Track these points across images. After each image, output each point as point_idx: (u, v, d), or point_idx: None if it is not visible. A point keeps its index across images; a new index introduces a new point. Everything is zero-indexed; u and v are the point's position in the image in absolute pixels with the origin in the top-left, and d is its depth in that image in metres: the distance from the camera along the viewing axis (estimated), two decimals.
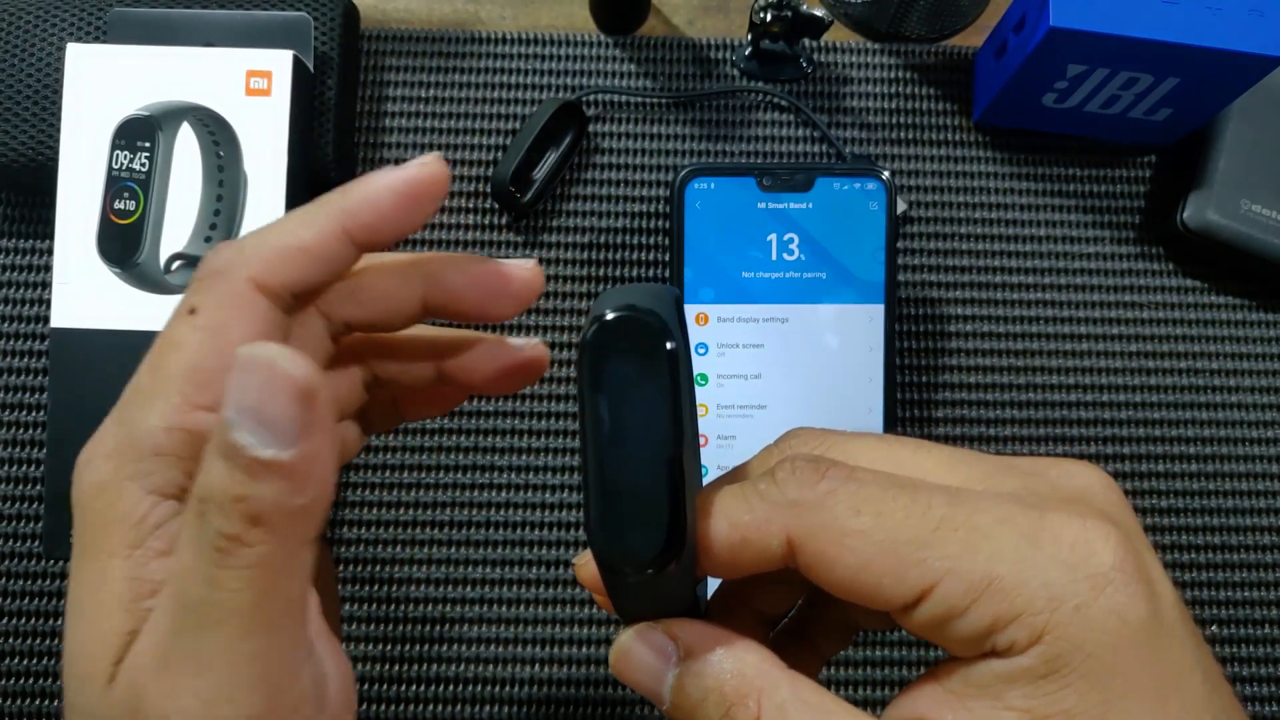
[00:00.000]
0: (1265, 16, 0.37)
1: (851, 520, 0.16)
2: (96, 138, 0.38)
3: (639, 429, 0.17)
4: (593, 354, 0.17)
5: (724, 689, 0.17)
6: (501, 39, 0.45)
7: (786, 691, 0.17)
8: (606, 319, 0.17)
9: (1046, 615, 0.15)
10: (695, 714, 0.18)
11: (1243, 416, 0.43)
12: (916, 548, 0.16)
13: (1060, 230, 0.44)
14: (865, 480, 0.17)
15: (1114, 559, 0.15)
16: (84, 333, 0.37)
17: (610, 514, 0.17)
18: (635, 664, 0.18)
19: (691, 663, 0.18)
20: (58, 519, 0.37)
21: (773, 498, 0.17)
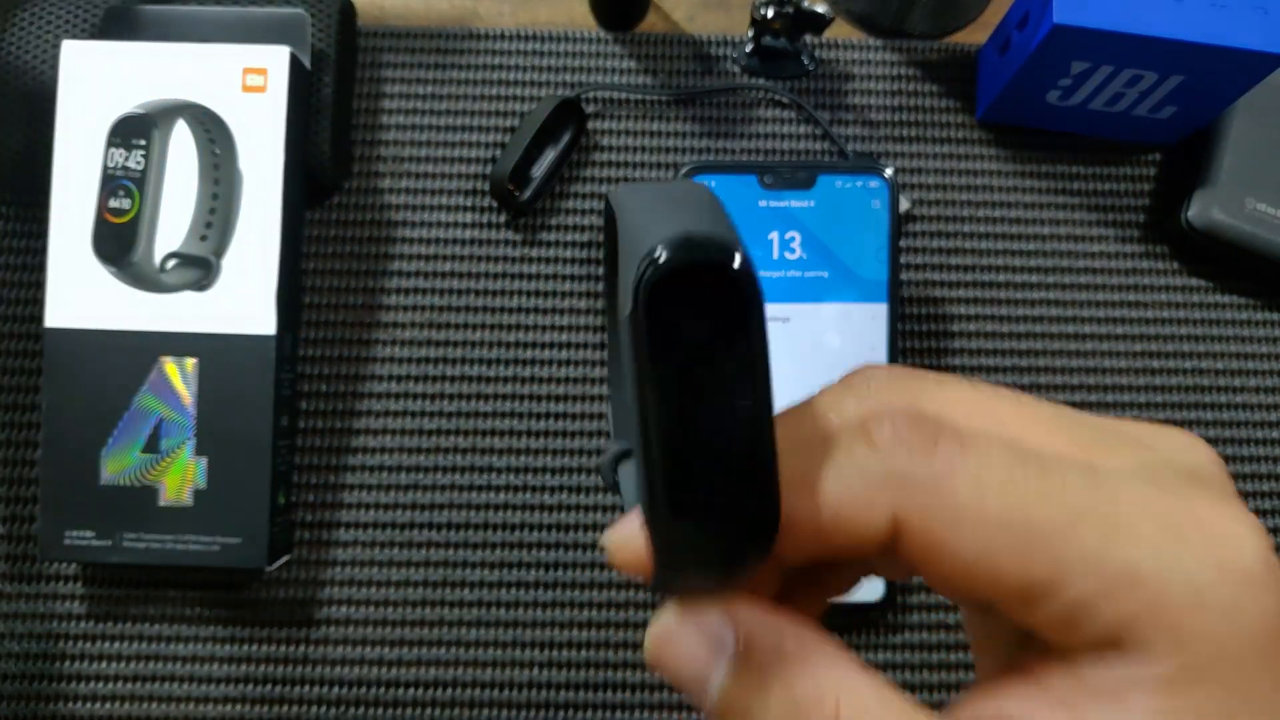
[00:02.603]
0: (1270, 14, 0.37)
1: (975, 501, 0.14)
2: (91, 135, 0.38)
3: (722, 406, 0.13)
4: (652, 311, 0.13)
5: (795, 694, 0.15)
6: (499, 35, 0.45)
7: (869, 695, 0.15)
8: (659, 261, 0.12)
9: (1191, 617, 0.13)
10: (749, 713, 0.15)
11: (1248, 416, 0.42)
12: (1049, 536, 0.14)
13: (1064, 229, 0.44)
14: (985, 451, 0.14)
15: (1262, 556, 0.14)
16: (79, 333, 0.37)
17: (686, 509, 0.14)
18: (681, 651, 0.15)
19: (754, 655, 0.15)
20: (52, 521, 0.37)
21: (874, 469, 0.14)
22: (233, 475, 0.37)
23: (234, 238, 0.37)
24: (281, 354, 0.38)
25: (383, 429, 0.41)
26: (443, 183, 0.43)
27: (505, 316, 0.42)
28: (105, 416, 0.37)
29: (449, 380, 0.41)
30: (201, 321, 0.37)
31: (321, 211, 0.43)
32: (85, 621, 0.39)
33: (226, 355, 0.37)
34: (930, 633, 0.40)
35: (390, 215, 0.43)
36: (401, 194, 0.43)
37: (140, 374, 0.37)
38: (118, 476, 0.37)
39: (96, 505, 0.37)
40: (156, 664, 0.39)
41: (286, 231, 0.38)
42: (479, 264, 0.42)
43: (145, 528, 0.37)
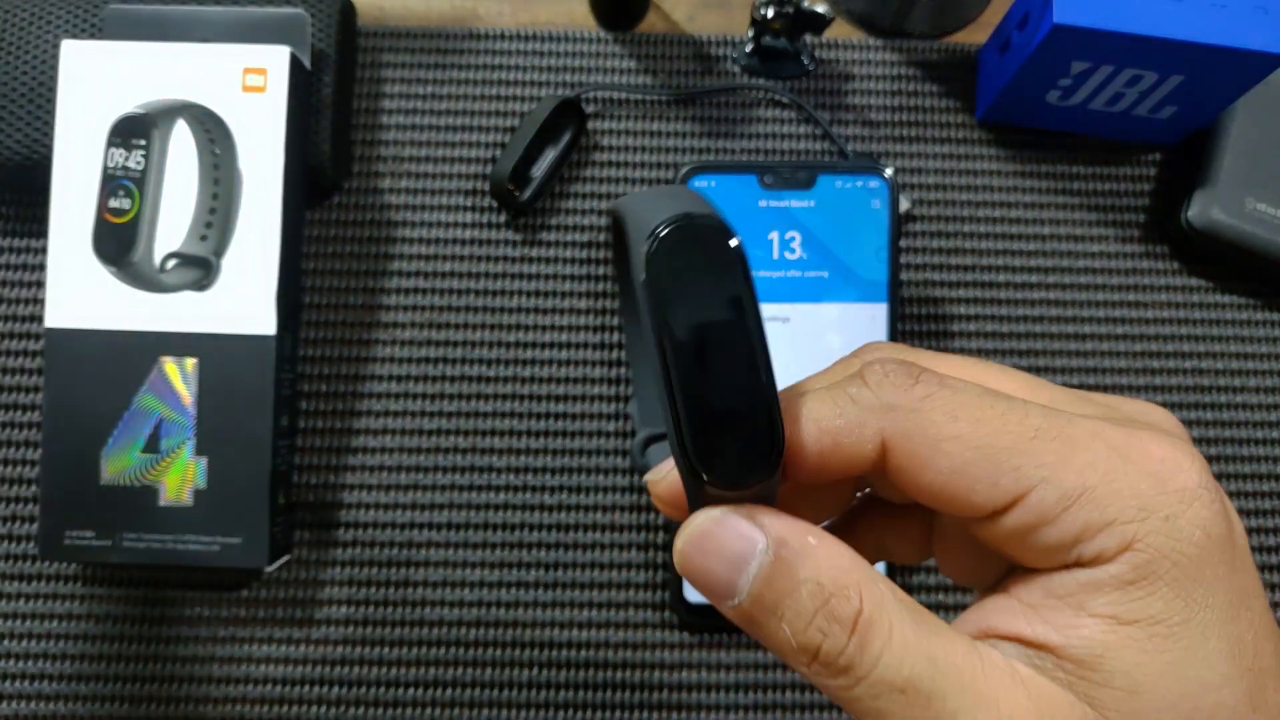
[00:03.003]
0: (1270, 14, 0.37)
1: (949, 425, 0.16)
2: (91, 135, 0.38)
3: (723, 344, 0.16)
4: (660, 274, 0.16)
5: (822, 579, 0.16)
6: (499, 35, 0.45)
7: (884, 587, 0.16)
8: (662, 235, 0.16)
9: (1137, 525, 0.15)
10: (782, 606, 0.16)
11: (1248, 416, 0.42)
12: (1012, 455, 0.16)
13: (1064, 229, 0.44)
14: (959, 387, 0.17)
15: (1200, 477, 0.16)
16: (78, 333, 0.37)
17: (706, 435, 0.16)
18: (715, 548, 0.17)
19: (783, 550, 0.16)
20: (52, 521, 0.37)
21: (865, 400, 0.17)
22: (233, 475, 0.37)
23: (234, 238, 0.37)
24: (281, 354, 0.38)
25: (383, 429, 0.41)
26: (443, 183, 0.43)
27: (505, 316, 0.42)
28: (105, 416, 0.37)
29: (449, 380, 0.41)
30: (201, 321, 0.37)
31: (322, 211, 0.43)
32: (85, 622, 0.39)
33: (226, 355, 0.37)
34: None
35: (390, 215, 0.43)
36: (401, 194, 0.43)
37: (140, 374, 0.37)
38: (118, 476, 0.37)
39: (96, 505, 0.37)
40: (156, 664, 0.39)
41: (286, 231, 0.38)
42: (479, 264, 0.42)
43: (145, 528, 0.37)
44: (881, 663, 0.16)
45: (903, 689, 0.16)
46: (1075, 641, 0.16)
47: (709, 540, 0.17)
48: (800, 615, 0.16)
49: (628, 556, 0.40)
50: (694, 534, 0.17)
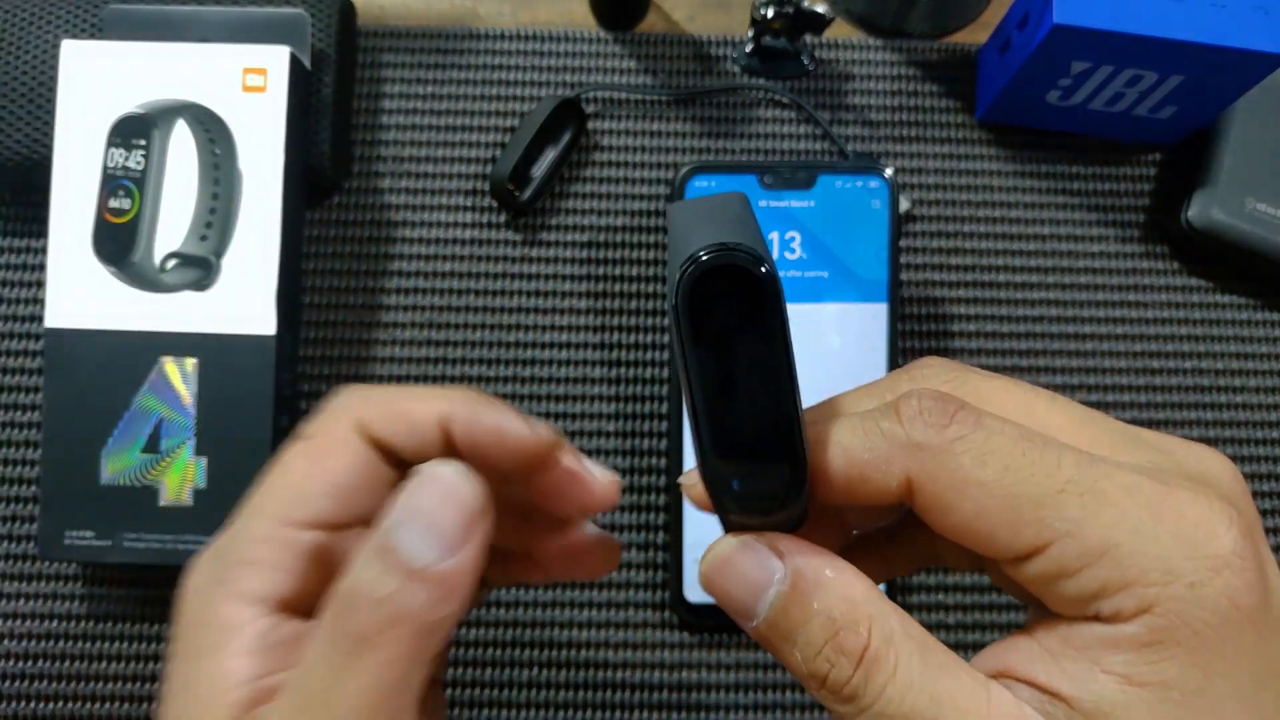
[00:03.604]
0: (1270, 14, 0.37)
1: (976, 470, 0.16)
2: (91, 135, 0.38)
3: (752, 376, 0.16)
4: (692, 303, 0.16)
5: (833, 612, 0.17)
6: (500, 35, 0.45)
7: (895, 623, 0.17)
8: (702, 260, 0.16)
9: (1159, 589, 0.15)
10: (794, 634, 0.17)
11: (1248, 416, 0.42)
12: (1038, 506, 0.16)
13: (1064, 229, 0.44)
14: (993, 429, 0.17)
15: (1233, 544, 0.15)
16: (79, 333, 0.37)
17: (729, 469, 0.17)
18: (734, 575, 0.18)
19: (799, 582, 0.17)
20: (52, 520, 0.37)
21: (896, 437, 0.17)
22: (233, 475, 0.37)
23: (234, 238, 0.37)
24: (282, 354, 0.38)
25: None
26: (443, 183, 0.43)
27: (505, 316, 0.42)
28: (105, 416, 0.37)
29: (449, 380, 0.41)
30: (201, 321, 0.37)
31: (322, 211, 0.43)
32: (85, 621, 0.39)
33: (227, 355, 0.37)
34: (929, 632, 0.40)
35: (390, 215, 0.43)
36: (402, 194, 0.43)
37: (140, 374, 0.37)
38: (118, 476, 0.37)
39: (97, 505, 0.37)
40: (156, 664, 0.39)
41: (287, 231, 0.38)
42: (479, 264, 0.42)
43: (145, 527, 0.37)
44: (884, 696, 0.16)
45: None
46: (1087, 695, 0.16)
47: (730, 567, 0.18)
48: (811, 644, 0.17)
49: (628, 556, 0.40)
50: (715, 560, 0.18)
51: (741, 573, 0.18)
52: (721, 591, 0.18)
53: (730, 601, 0.18)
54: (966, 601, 0.40)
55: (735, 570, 0.18)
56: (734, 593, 0.18)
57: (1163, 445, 0.18)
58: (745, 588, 0.18)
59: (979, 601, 0.40)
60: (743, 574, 0.18)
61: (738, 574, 0.18)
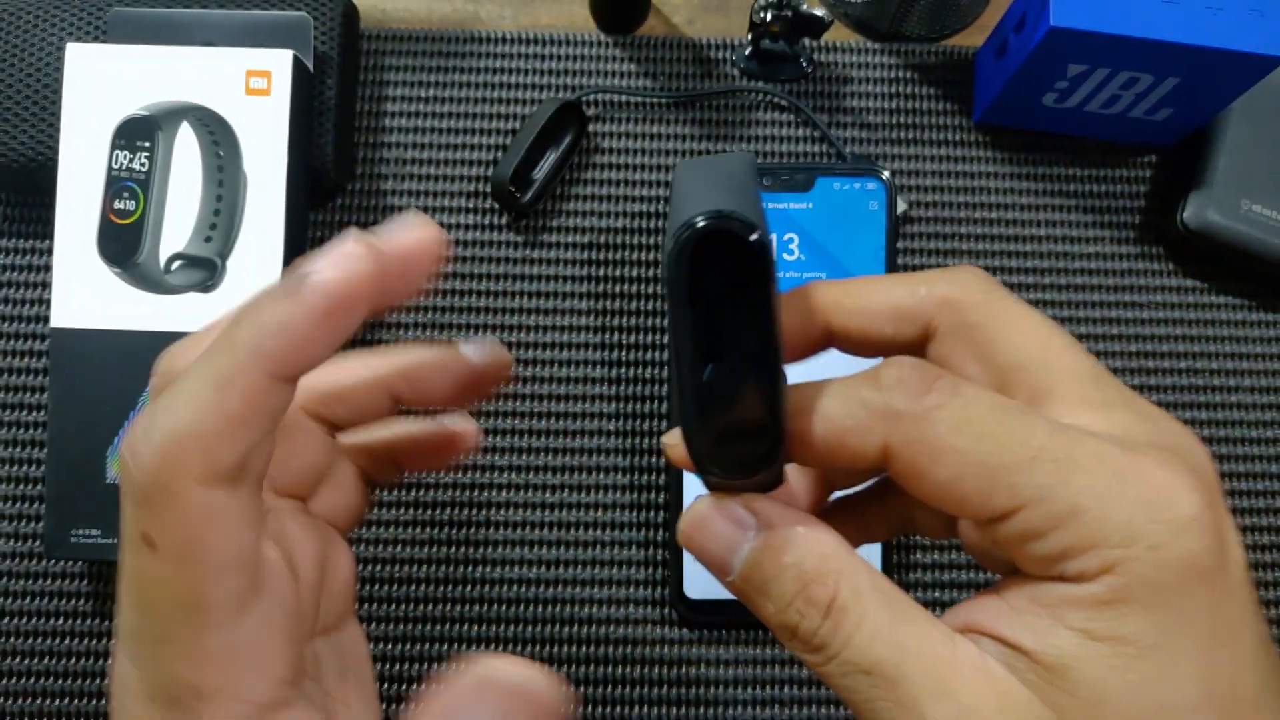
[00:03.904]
0: (1266, 16, 0.37)
1: (951, 438, 0.17)
2: (96, 138, 0.38)
3: (737, 341, 0.17)
4: (684, 267, 0.16)
5: (803, 565, 0.18)
6: (501, 38, 0.45)
7: (864, 577, 0.18)
8: (697, 226, 0.16)
9: (1121, 550, 0.16)
10: (767, 587, 0.18)
11: (1243, 416, 0.43)
12: (1009, 473, 0.16)
13: (1060, 230, 0.44)
14: (970, 398, 0.17)
15: (1194, 509, 0.16)
16: (84, 333, 0.37)
17: (709, 424, 0.17)
18: (710, 532, 0.19)
19: (770, 537, 0.18)
20: (58, 519, 0.37)
21: (874, 404, 0.17)
22: None
23: (238, 239, 0.38)
24: None
25: None
26: (445, 184, 0.44)
27: (507, 317, 0.42)
28: (111, 416, 0.37)
29: None
30: (206, 322, 0.37)
31: (325, 213, 0.43)
32: (91, 620, 0.39)
33: None
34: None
35: (393, 217, 0.43)
36: (404, 195, 0.43)
37: (145, 374, 0.37)
38: None
39: (102, 504, 0.37)
40: None
41: (290, 233, 0.38)
42: (480, 265, 0.43)
43: None
44: (851, 645, 0.17)
45: (868, 670, 0.17)
46: (1048, 649, 0.16)
47: (707, 524, 0.19)
48: (782, 597, 0.18)
49: (628, 554, 0.41)
50: (693, 519, 0.19)
51: (718, 530, 0.18)
52: (700, 548, 0.19)
53: (708, 557, 0.19)
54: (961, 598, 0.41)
55: (712, 528, 0.19)
56: (711, 549, 0.19)
57: (1149, 413, 0.18)
58: (721, 544, 0.18)
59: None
60: (719, 531, 0.18)
61: (714, 531, 0.18)
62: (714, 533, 0.19)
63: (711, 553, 0.19)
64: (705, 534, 0.19)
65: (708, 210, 0.16)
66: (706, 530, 0.19)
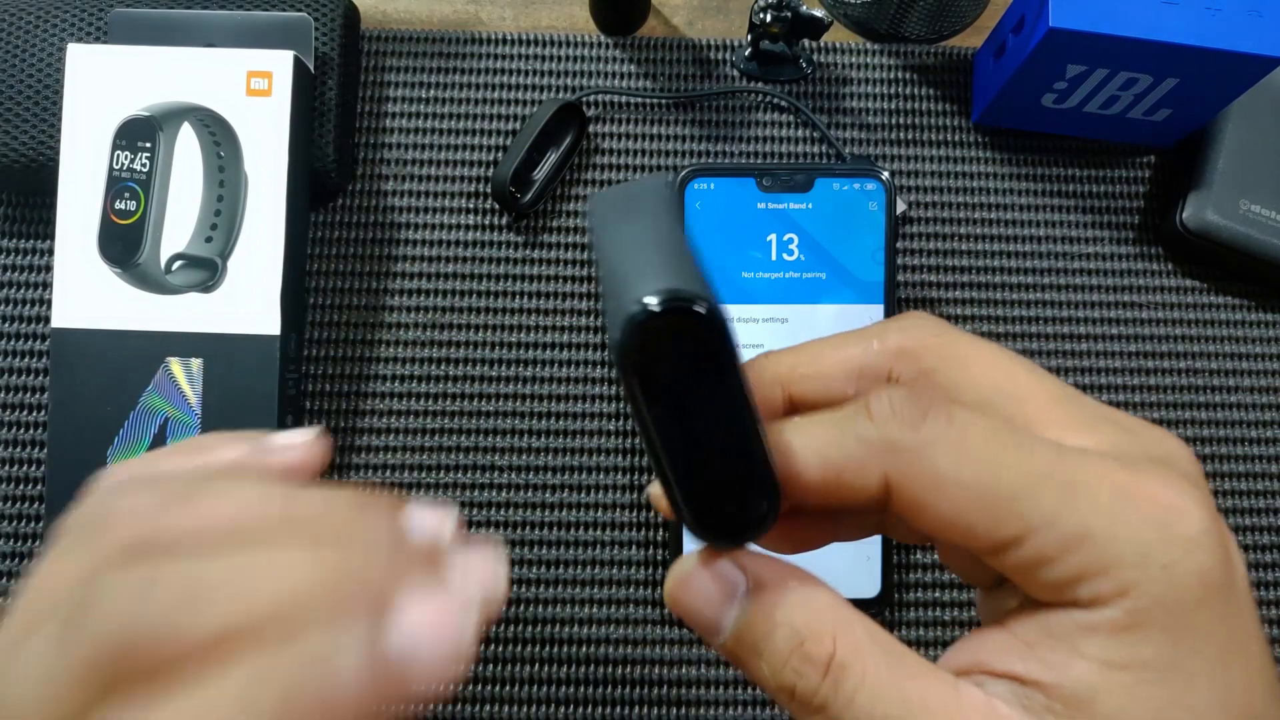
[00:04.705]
0: (1264, 17, 0.37)
1: (952, 470, 0.16)
2: (97, 138, 0.38)
3: (710, 418, 0.16)
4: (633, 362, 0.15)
5: (796, 623, 0.17)
6: (502, 40, 0.45)
7: (860, 630, 0.17)
8: (636, 320, 0.14)
9: (1135, 571, 0.15)
10: (760, 647, 0.17)
11: (1242, 416, 0.43)
12: (1015, 500, 0.16)
13: (1060, 230, 0.44)
14: (966, 424, 0.17)
15: (1203, 524, 0.16)
16: (85, 333, 0.38)
17: (702, 509, 0.17)
18: (696, 592, 0.18)
19: (762, 595, 0.17)
20: (58, 519, 0.37)
21: (869, 437, 0.17)
22: None
23: (239, 239, 0.38)
24: (286, 354, 0.38)
25: (386, 428, 0.41)
26: (445, 185, 0.44)
27: (507, 317, 0.42)
28: (111, 416, 0.37)
29: (451, 380, 0.42)
30: (207, 322, 0.38)
31: (326, 213, 0.43)
32: None
33: (231, 355, 0.38)
34: (925, 629, 0.40)
35: (393, 217, 0.43)
36: (404, 196, 0.44)
37: (146, 374, 0.37)
38: None
39: None
40: None
41: (291, 233, 0.38)
42: (481, 265, 0.43)
43: None
44: (855, 703, 0.16)
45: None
46: (1066, 681, 0.16)
47: (693, 583, 0.18)
48: (777, 656, 0.17)
49: (628, 554, 0.41)
50: (679, 579, 0.18)
51: (704, 588, 0.18)
52: (688, 609, 0.18)
53: (697, 618, 0.18)
54: (961, 598, 0.41)
55: (699, 587, 0.18)
56: (700, 609, 0.18)
57: (1128, 424, 0.18)
58: (709, 603, 0.18)
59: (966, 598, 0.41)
60: (706, 590, 0.18)
61: (702, 590, 0.18)
62: (701, 593, 0.18)
63: (700, 614, 0.18)
64: (692, 594, 0.18)
65: (647, 290, 0.14)
66: (692, 590, 0.18)
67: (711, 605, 0.18)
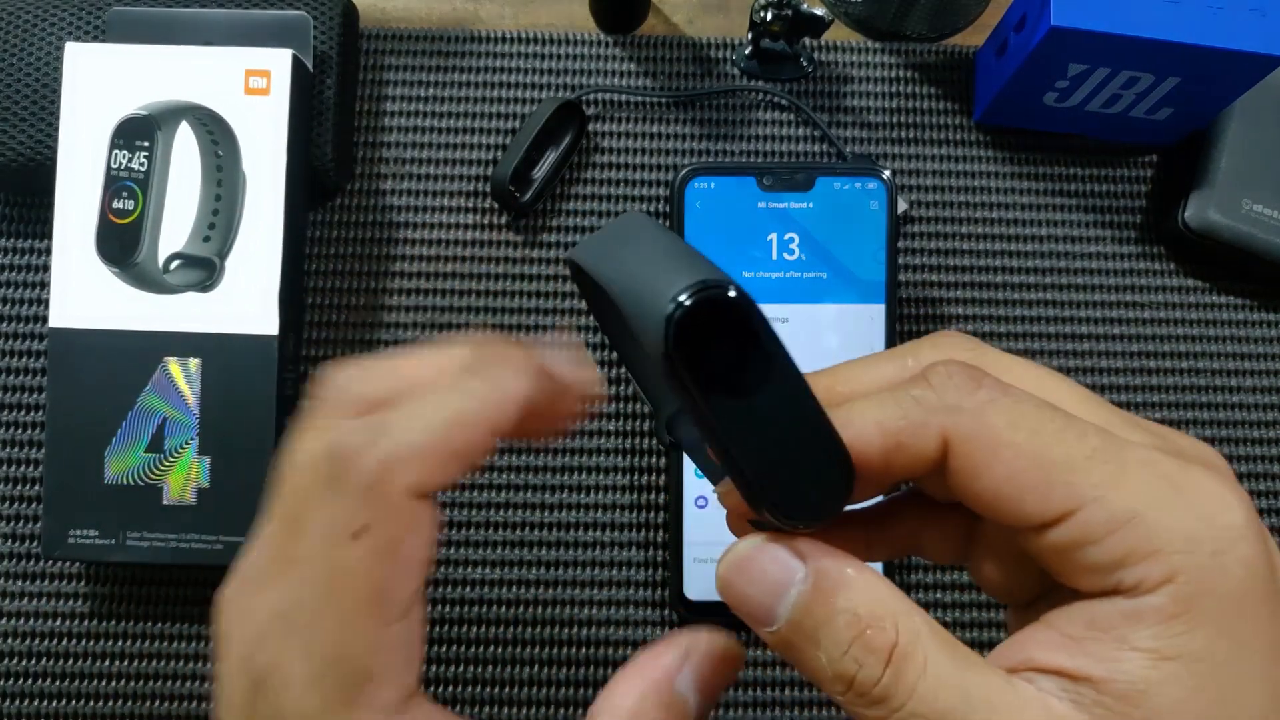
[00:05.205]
0: (1266, 15, 0.37)
1: (1008, 432, 0.16)
2: (95, 137, 0.38)
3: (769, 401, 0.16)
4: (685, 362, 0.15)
5: (859, 610, 0.17)
6: (501, 38, 0.45)
7: (920, 620, 0.17)
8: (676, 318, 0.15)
9: (1183, 555, 0.15)
10: (820, 633, 0.17)
11: (1244, 416, 0.42)
12: (1067, 470, 0.16)
13: (1061, 230, 0.44)
14: (1020, 396, 0.17)
15: (1247, 516, 0.16)
16: (83, 333, 0.37)
17: (783, 494, 0.17)
18: (754, 575, 0.17)
19: (822, 579, 0.17)
20: (56, 519, 0.37)
21: (929, 402, 0.17)
22: (236, 474, 0.37)
23: (237, 239, 0.38)
24: (284, 354, 0.38)
25: None
26: (444, 184, 0.44)
27: (506, 317, 0.42)
28: (109, 416, 0.37)
29: None
30: (205, 322, 0.38)
31: (324, 213, 0.43)
32: (89, 620, 0.39)
33: (229, 355, 0.37)
34: None
35: (392, 216, 0.43)
36: (403, 195, 0.43)
37: (144, 374, 0.37)
38: (121, 475, 0.37)
39: (100, 504, 0.37)
40: (159, 662, 0.39)
41: (289, 232, 0.38)
42: (480, 265, 0.43)
43: (149, 526, 0.37)
44: (916, 695, 0.16)
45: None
46: (1118, 675, 0.15)
47: (750, 566, 0.18)
48: (837, 644, 0.17)
49: (628, 554, 0.40)
50: (735, 560, 0.18)
51: (761, 573, 0.17)
52: (740, 593, 0.18)
53: (750, 604, 0.18)
54: (964, 619, 0.41)
55: (755, 570, 0.17)
56: (754, 594, 0.17)
57: (1160, 432, 0.18)
58: (766, 588, 0.17)
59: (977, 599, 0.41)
60: (763, 574, 0.17)
61: (758, 574, 0.17)
62: (758, 576, 0.17)
63: (753, 599, 0.17)
64: (748, 578, 0.18)
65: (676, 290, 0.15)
66: (749, 574, 0.17)
67: (768, 591, 0.17)
